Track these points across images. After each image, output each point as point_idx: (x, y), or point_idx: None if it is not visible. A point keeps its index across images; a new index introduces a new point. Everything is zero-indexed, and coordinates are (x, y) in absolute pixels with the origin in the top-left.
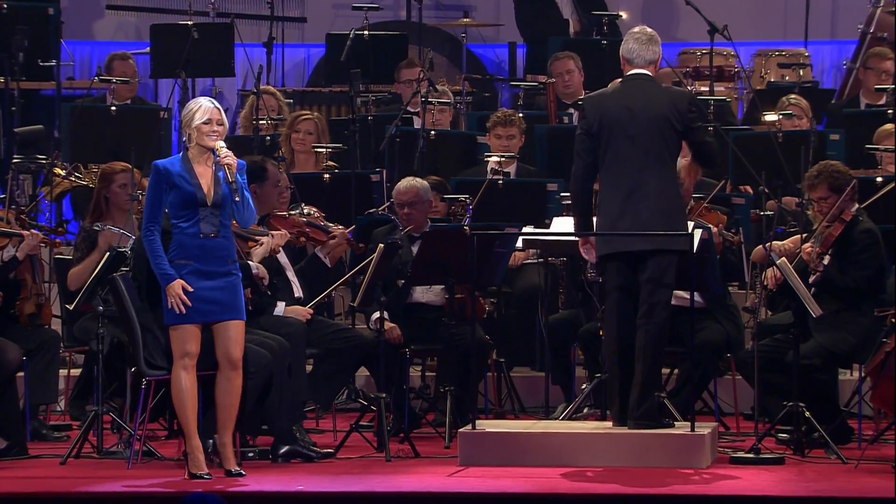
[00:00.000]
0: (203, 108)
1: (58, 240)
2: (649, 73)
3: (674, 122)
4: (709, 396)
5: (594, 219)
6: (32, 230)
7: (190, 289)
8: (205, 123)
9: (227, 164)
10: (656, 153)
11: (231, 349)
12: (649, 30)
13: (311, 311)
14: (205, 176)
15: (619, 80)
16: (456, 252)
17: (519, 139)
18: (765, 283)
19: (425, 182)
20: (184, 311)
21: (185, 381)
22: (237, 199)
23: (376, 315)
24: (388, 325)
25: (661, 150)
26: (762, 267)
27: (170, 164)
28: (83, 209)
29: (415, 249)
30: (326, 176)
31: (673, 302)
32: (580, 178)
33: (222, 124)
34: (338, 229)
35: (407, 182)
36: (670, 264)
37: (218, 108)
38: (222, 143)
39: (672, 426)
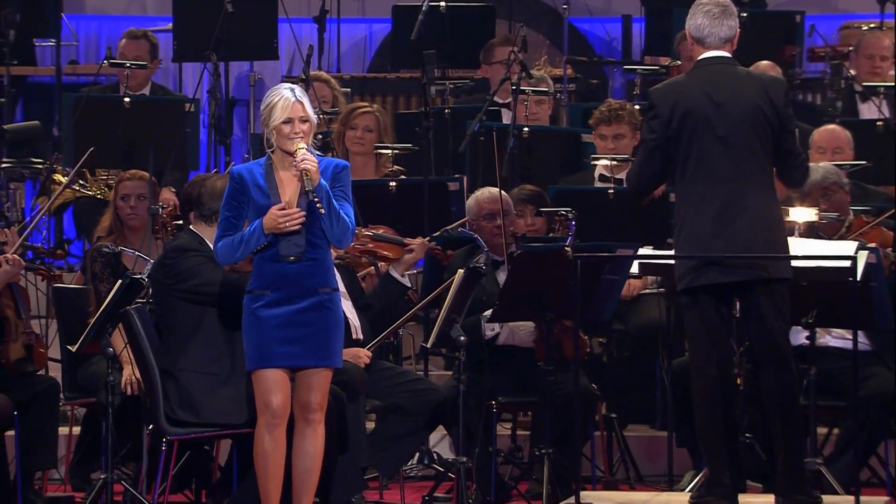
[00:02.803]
0: (283, 102)
1: (56, 268)
2: (728, 55)
3: (770, 116)
4: (878, 463)
5: (669, 239)
6: (12, 255)
7: (282, 204)
8: (285, 123)
9: (304, 169)
10: (752, 157)
11: (307, 398)
12: None
13: (370, 353)
14: (289, 185)
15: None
16: (554, 280)
17: (631, 138)
18: None
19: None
20: (299, 221)
21: (267, 443)
22: (321, 211)
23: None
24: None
25: (756, 153)
26: None
27: (247, 170)
28: (88, 226)
29: (501, 277)
30: (392, 184)
31: (832, 343)
32: (643, 189)
33: (307, 121)
34: (416, 241)
35: (491, 190)
36: (785, 296)
37: (301, 102)
38: (303, 145)
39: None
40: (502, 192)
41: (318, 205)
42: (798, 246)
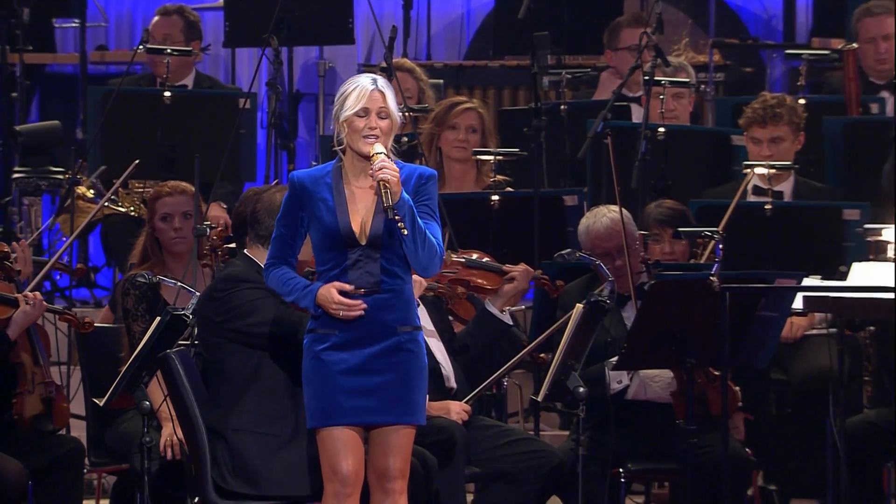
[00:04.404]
0: (359, 90)
1: (76, 306)
2: None
3: None
4: None
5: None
6: (34, 294)
7: (347, 288)
8: (358, 116)
9: (382, 179)
10: None
11: (384, 463)
12: None
13: (469, 408)
14: (363, 199)
15: None
16: (697, 317)
17: (792, 141)
18: None
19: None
20: (356, 314)
21: None
22: (404, 232)
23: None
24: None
25: None
26: None
27: (310, 178)
28: (119, 250)
29: (629, 316)
30: (495, 198)
31: None
32: None
33: (387, 117)
34: (517, 267)
35: (604, 221)
36: None
37: (382, 92)
38: (381, 148)
39: None
40: (625, 215)
41: (399, 224)
42: None
